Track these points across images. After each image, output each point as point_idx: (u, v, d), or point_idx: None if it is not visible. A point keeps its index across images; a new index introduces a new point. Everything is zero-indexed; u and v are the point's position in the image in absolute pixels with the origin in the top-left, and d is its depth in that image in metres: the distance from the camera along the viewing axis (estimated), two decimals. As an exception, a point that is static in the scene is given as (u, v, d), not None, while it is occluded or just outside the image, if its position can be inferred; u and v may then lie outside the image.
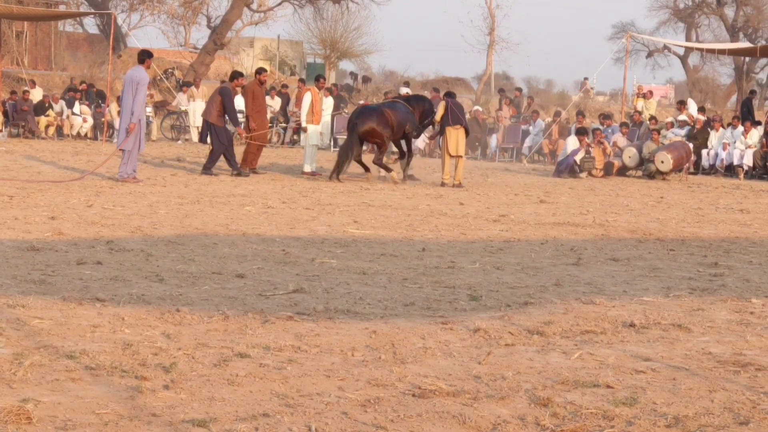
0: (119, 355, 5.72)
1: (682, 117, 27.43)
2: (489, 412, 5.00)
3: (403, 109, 18.80)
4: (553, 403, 5.14)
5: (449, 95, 19.75)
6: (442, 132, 18.95)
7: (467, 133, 19.49)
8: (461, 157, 18.90)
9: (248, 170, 19.10)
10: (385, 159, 19.02)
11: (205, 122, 18.91)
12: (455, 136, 18.71)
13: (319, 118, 20.30)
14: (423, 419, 4.85)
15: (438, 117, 18.92)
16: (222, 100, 18.64)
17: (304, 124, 19.92)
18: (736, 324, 7.30)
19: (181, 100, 30.27)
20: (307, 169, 19.80)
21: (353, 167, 19.33)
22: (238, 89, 20.26)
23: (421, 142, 26.57)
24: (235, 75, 19.86)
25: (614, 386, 5.50)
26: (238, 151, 19.52)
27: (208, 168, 18.76)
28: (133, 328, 6.39)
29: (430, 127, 20.48)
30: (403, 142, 19.15)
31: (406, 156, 19.20)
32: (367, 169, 18.88)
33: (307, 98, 20.10)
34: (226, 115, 18.78)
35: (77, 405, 4.83)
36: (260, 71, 20.35)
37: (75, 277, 8.05)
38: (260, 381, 5.36)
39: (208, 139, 19.13)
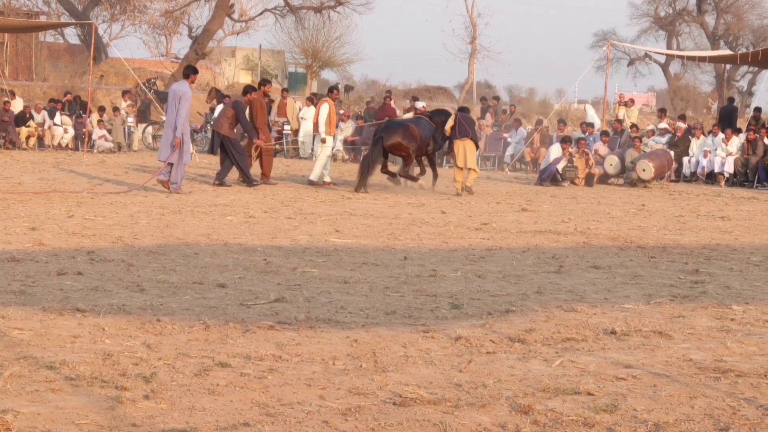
0: (99, 366, 5.70)
1: (663, 125, 27.55)
2: (470, 419, 5.00)
3: (427, 125, 19.11)
4: (534, 410, 5.15)
5: (462, 110, 20.41)
6: (450, 144, 19.36)
7: (477, 145, 20.02)
8: (471, 169, 19.18)
9: (268, 180, 19.38)
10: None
11: (216, 134, 18.98)
12: (462, 149, 19.13)
13: (334, 129, 20.52)
14: (404, 427, 4.85)
15: (447, 128, 19.24)
16: (235, 114, 18.77)
17: (322, 135, 20.00)
18: (716, 331, 7.33)
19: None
20: (328, 179, 19.97)
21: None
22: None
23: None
24: (248, 89, 19.89)
25: (595, 393, 5.51)
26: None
27: (220, 177, 18.86)
28: (114, 339, 6.37)
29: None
30: (424, 159, 19.50)
31: (433, 175, 19.42)
32: (393, 175, 19.16)
33: (324, 109, 20.11)
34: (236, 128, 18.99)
35: (57, 415, 4.81)
36: (264, 83, 20.51)
37: (55, 287, 8.02)
38: (241, 390, 5.35)
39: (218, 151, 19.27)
